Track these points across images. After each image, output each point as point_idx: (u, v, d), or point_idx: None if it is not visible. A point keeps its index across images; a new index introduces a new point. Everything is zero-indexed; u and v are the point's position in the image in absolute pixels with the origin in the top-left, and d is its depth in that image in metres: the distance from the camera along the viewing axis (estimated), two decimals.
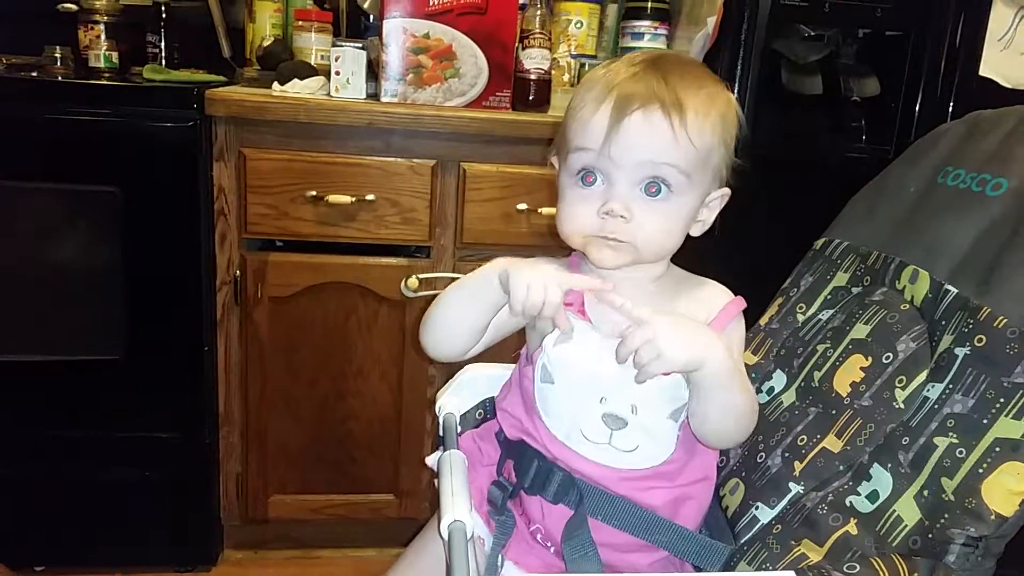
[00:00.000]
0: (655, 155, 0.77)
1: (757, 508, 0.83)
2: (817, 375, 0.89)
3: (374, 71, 1.55)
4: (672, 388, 0.80)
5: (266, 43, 1.66)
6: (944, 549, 0.67)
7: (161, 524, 1.60)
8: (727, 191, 0.85)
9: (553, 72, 1.63)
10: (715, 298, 0.86)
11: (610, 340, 0.80)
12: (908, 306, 0.85)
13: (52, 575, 1.57)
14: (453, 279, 1.53)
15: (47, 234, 1.50)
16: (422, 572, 0.94)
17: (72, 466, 1.55)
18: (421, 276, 1.55)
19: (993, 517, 0.67)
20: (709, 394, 0.77)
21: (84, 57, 1.67)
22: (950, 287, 0.81)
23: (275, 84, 1.54)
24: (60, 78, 1.57)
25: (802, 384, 0.91)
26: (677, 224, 0.81)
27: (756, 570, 0.79)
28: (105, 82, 1.55)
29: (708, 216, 0.85)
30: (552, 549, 0.87)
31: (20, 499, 1.55)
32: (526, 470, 0.85)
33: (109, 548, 1.59)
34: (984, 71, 1.43)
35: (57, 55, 1.64)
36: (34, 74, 1.57)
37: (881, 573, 0.66)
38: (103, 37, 1.65)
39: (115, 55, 1.65)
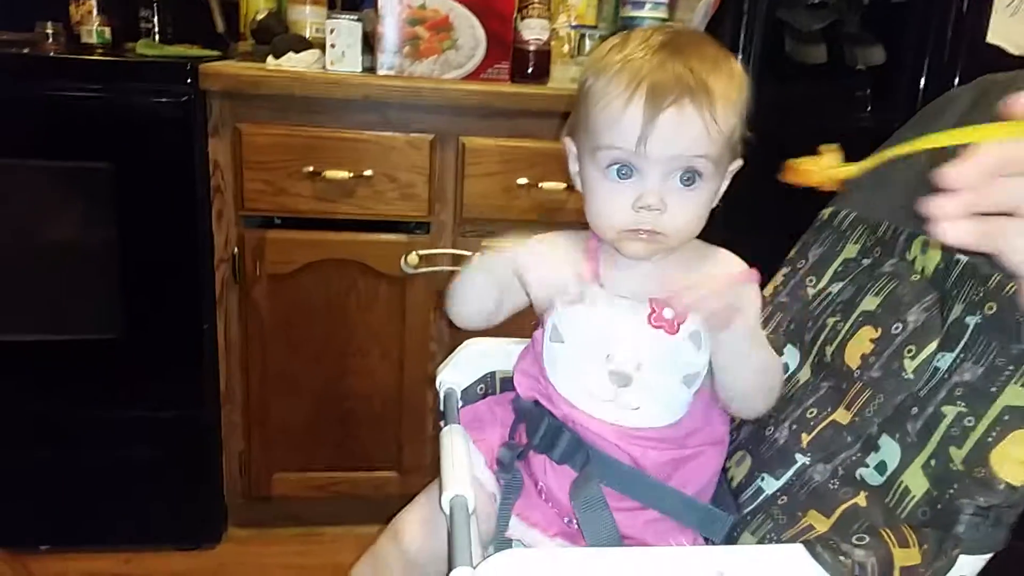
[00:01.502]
0: (689, 148, 0.76)
1: (762, 479, 0.82)
2: (829, 349, 0.88)
3: (370, 44, 1.53)
4: (680, 351, 0.81)
5: (260, 17, 1.63)
6: (954, 519, 0.66)
7: (164, 503, 1.60)
8: (741, 162, 0.85)
9: (552, 43, 1.61)
10: (726, 266, 0.86)
11: (617, 298, 0.83)
12: (919, 277, 0.83)
13: (56, 555, 1.57)
14: (453, 256, 1.53)
15: (42, 212, 1.48)
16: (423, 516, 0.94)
17: (73, 446, 1.55)
18: (421, 252, 1.54)
19: (1002, 486, 0.66)
20: (741, 352, 0.78)
21: (76, 33, 1.64)
22: (961, 256, 0.79)
23: (269, 58, 1.52)
24: (52, 54, 1.54)
25: (816, 360, 0.90)
26: (707, 209, 0.82)
27: (760, 541, 0.78)
28: (98, 57, 1.53)
29: (722, 188, 0.85)
30: (552, 507, 0.88)
31: (22, 480, 1.55)
32: (536, 428, 0.87)
33: (112, 527, 1.59)
34: (992, 38, 1.41)
35: (49, 31, 1.61)
36: (26, 51, 1.55)
37: (890, 543, 0.65)
38: (95, 12, 1.62)
39: (107, 31, 1.62)
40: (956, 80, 1.38)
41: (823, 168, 0.68)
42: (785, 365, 0.94)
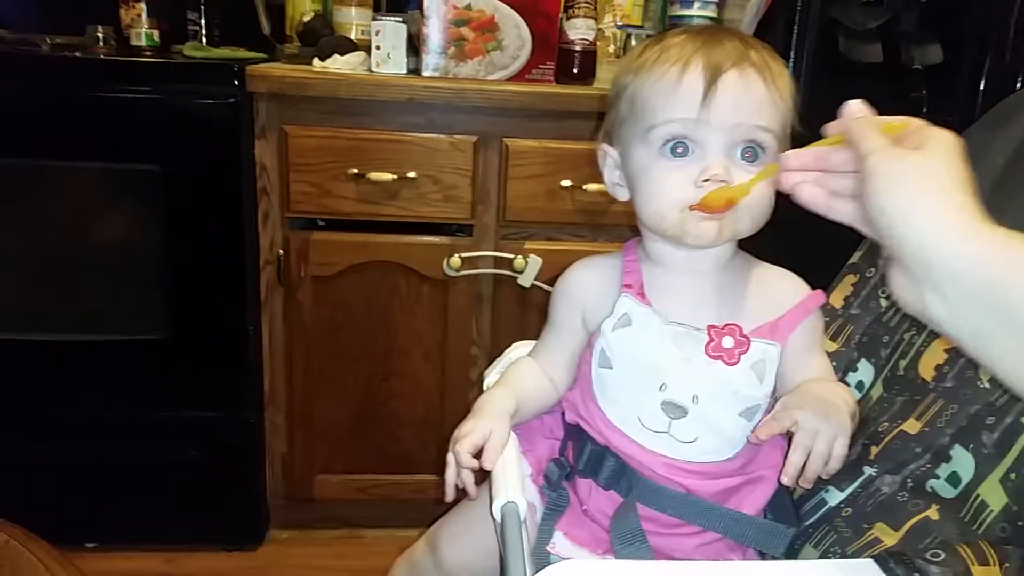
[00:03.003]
0: (753, 116, 0.72)
1: (827, 491, 0.79)
2: (903, 363, 0.84)
3: (415, 45, 1.52)
4: (740, 382, 0.76)
5: (306, 19, 1.64)
6: None
7: (208, 503, 1.61)
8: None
9: (598, 43, 1.59)
10: (788, 291, 0.81)
11: (670, 326, 0.78)
12: None
13: (101, 553, 1.59)
14: (495, 259, 1.52)
15: (91, 213, 1.50)
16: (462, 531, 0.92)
17: (119, 446, 1.56)
18: (463, 255, 1.53)
19: None
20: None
21: (126, 36, 1.66)
22: None
23: (315, 60, 1.52)
24: (102, 56, 1.56)
25: (888, 375, 0.86)
26: (771, 188, 0.75)
27: (823, 555, 0.75)
28: (146, 59, 1.54)
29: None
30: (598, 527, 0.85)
31: (70, 478, 1.57)
32: (580, 452, 0.83)
33: (157, 527, 1.61)
34: None
35: (99, 34, 1.64)
36: (77, 54, 1.57)
37: (968, 560, 0.62)
38: (144, 15, 1.64)
39: (156, 33, 1.64)
40: (1018, 80, 1.33)
41: (729, 189, 0.72)
42: (860, 383, 0.90)
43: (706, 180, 0.72)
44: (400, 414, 1.63)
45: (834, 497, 0.78)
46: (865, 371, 0.89)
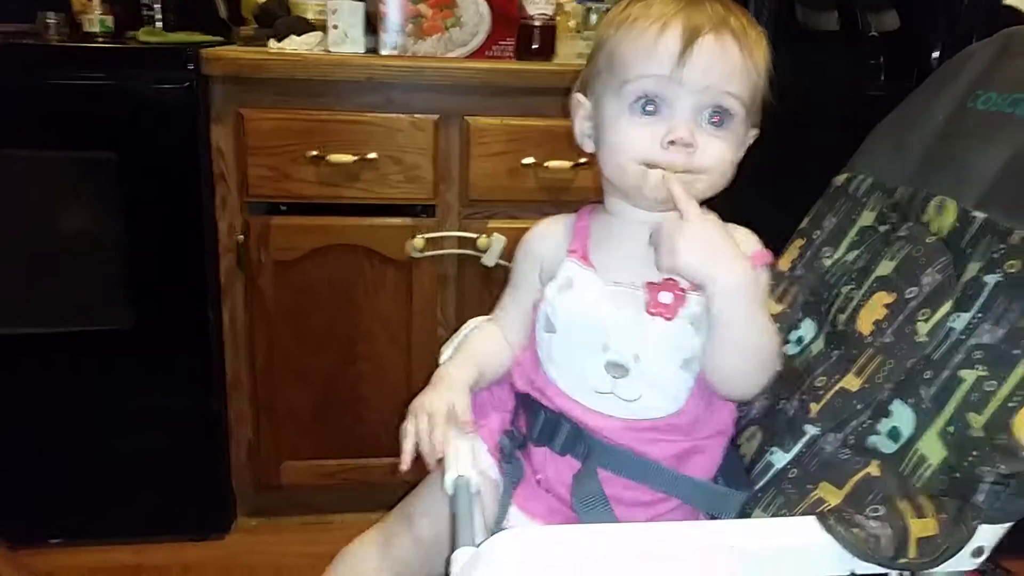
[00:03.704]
0: (724, 81, 0.74)
1: (772, 453, 0.79)
2: (841, 317, 0.84)
3: (372, 24, 1.50)
4: (679, 336, 0.77)
5: (262, 0, 1.61)
6: (973, 488, 0.62)
7: (173, 493, 1.59)
8: (757, 131, 0.83)
9: (558, 18, 1.57)
10: (743, 245, 0.82)
11: (612, 287, 0.80)
12: (933, 238, 0.80)
13: (67, 548, 1.57)
14: (459, 239, 1.51)
15: (47, 202, 1.48)
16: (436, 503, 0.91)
17: (82, 438, 1.54)
18: (427, 236, 1.51)
19: None
20: (723, 327, 0.73)
21: (78, 22, 1.63)
22: (977, 213, 0.75)
23: (271, 41, 1.50)
24: (54, 43, 1.53)
25: (829, 330, 0.87)
26: (733, 156, 0.78)
27: (772, 516, 0.75)
28: (98, 45, 1.51)
29: (739, 155, 0.82)
30: (553, 497, 0.85)
31: (31, 473, 1.54)
32: (534, 420, 0.84)
33: (122, 519, 1.58)
34: (1009, 0, 1.37)
35: (51, 21, 1.59)
36: (28, 41, 1.54)
37: (906, 514, 0.62)
38: (97, 1, 1.61)
39: (109, 19, 1.61)
40: (972, 43, 1.33)
41: None
42: (799, 338, 0.91)
43: (671, 142, 0.74)
44: (367, 398, 1.61)
45: (780, 459, 0.78)
46: (807, 328, 0.90)
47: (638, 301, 0.77)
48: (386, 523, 0.97)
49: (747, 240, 0.83)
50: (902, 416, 0.70)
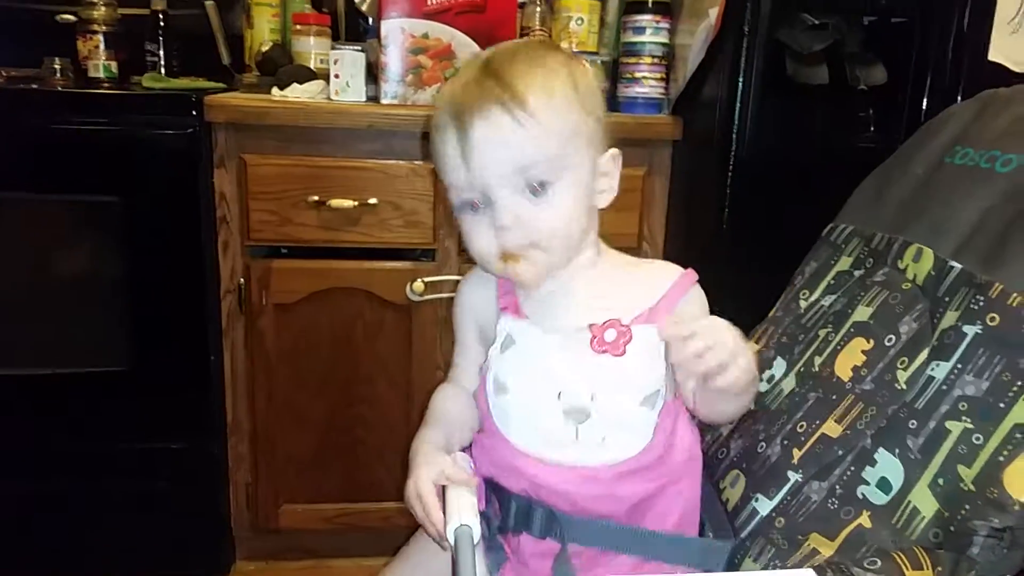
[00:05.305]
0: (515, 157, 0.73)
1: (756, 500, 0.80)
2: (818, 360, 0.86)
3: (374, 73, 1.54)
4: (632, 371, 0.77)
5: (265, 48, 1.65)
6: (968, 541, 0.64)
7: (172, 536, 1.58)
8: (616, 151, 0.81)
9: None
10: (661, 277, 0.82)
11: (553, 335, 0.79)
12: (910, 285, 0.82)
13: None
14: (459, 282, 1.52)
15: (51, 246, 1.49)
16: (422, 566, 0.91)
17: (82, 479, 1.54)
18: (426, 280, 1.54)
19: (1017, 507, 0.64)
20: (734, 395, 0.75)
21: (83, 68, 1.67)
22: (954, 263, 0.78)
23: (274, 89, 1.53)
24: (60, 89, 1.56)
25: (802, 369, 0.89)
26: (575, 208, 0.77)
27: (764, 568, 0.76)
28: (103, 91, 1.54)
29: (610, 183, 0.81)
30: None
31: (30, 512, 1.54)
32: (507, 509, 0.82)
33: (120, 560, 1.57)
34: (993, 56, 1.40)
35: (56, 66, 1.64)
36: (34, 86, 1.57)
37: (903, 566, 0.63)
38: (102, 47, 1.65)
39: (114, 65, 1.65)
40: (959, 99, 1.37)
41: None
42: (771, 376, 0.93)
43: (499, 228, 0.75)
44: (366, 441, 1.62)
45: (764, 506, 0.79)
46: (779, 367, 0.92)
47: (583, 343, 0.77)
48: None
49: (665, 269, 0.84)
50: (888, 466, 0.72)
